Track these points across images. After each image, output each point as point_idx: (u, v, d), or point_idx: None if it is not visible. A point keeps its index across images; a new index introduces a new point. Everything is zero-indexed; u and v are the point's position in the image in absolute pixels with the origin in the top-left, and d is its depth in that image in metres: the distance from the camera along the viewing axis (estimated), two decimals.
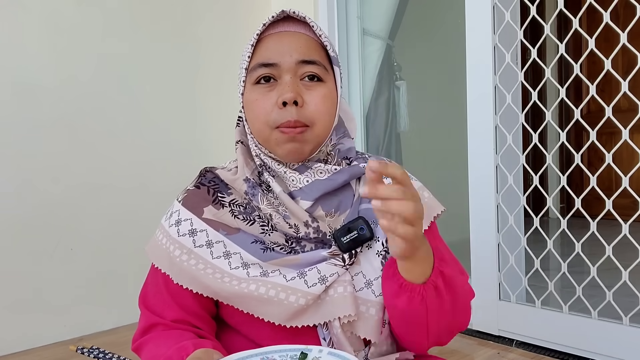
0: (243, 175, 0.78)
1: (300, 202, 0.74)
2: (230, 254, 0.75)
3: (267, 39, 0.76)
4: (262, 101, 0.74)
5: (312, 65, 0.74)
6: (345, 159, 0.79)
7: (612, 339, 1.43)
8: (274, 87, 0.74)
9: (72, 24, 1.85)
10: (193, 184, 0.82)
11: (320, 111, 0.74)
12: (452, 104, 2.47)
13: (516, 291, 1.65)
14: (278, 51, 0.74)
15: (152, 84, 2.06)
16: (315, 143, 0.75)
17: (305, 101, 0.73)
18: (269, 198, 0.76)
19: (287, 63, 0.73)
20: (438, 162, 2.82)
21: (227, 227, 0.77)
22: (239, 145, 0.80)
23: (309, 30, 0.77)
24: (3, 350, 1.69)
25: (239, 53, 0.81)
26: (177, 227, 0.77)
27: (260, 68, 0.74)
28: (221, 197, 0.79)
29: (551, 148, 1.64)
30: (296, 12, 0.76)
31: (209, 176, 0.82)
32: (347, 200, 0.77)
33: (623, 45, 1.37)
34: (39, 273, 1.77)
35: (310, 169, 0.76)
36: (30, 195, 1.76)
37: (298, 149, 0.74)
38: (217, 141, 2.25)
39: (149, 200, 2.00)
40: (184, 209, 0.79)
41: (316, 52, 0.75)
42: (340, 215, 0.76)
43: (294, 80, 0.73)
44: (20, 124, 1.74)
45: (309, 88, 0.74)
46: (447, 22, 2.54)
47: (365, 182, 0.63)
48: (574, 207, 1.50)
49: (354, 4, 2.26)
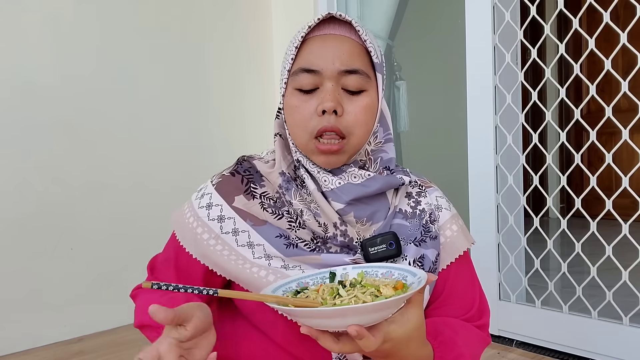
0: (279, 168, 0.77)
1: (332, 203, 0.74)
2: (254, 244, 0.75)
3: (311, 41, 0.75)
4: (302, 107, 0.74)
5: (355, 74, 0.73)
6: (386, 169, 0.79)
7: (612, 339, 1.43)
8: (315, 94, 0.74)
9: (72, 24, 1.85)
10: (229, 170, 0.82)
11: (359, 122, 0.74)
12: (452, 104, 2.47)
13: (516, 291, 1.65)
14: (321, 56, 0.73)
15: (152, 83, 2.06)
16: (352, 152, 0.76)
17: (345, 110, 0.73)
18: (302, 194, 0.76)
19: (329, 71, 0.72)
20: (438, 162, 2.82)
21: (255, 218, 0.77)
22: (277, 138, 0.79)
23: (354, 33, 0.75)
24: (3, 350, 1.69)
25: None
26: (208, 210, 0.78)
27: (303, 73, 0.73)
28: (253, 188, 0.79)
29: (551, 148, 1.64)
30: (342, 14, 0.75)
31: (245, 165, 0.82)
32: (382, 212, 0.77)
33: (623, 45, 1.37)
34: (39, 273, 1.77)
35: (345, 172, 0.76)
36: (30, 194, 1.76)
37: (334, 161, 0.75)
38: (217, 140, 2.25)
39: (149, 200, 2.00)
40: (216, 193, 0.79)
41: (359, 59, 0.74)
42: (372, 225, 0.76)
43: (336, 88, 0.73)
44: (20, 123, 1.74)
45: (350, 97, 0.74)
46: (447, 22, 2.53)
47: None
48: (574, 207, 1.50)
49: (354, 4, 2.27)
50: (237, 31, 2.33)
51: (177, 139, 2.13)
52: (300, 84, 0.74)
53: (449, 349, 0.68)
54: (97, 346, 1.76)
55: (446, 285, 0.79)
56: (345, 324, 0.54)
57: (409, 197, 0.81)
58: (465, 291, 0.80)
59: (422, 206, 0.80)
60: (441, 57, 2.88)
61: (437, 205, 0.82)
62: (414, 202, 0.81)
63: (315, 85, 0.73)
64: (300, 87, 0.74)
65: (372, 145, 0.78)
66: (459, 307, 0.78)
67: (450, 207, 0.83)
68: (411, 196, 0.81)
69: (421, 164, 2.77)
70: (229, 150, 2.27)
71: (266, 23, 2.46)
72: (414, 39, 2.86)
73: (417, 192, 0.82)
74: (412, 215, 0.79)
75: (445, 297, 0.79)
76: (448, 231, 0.81)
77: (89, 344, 1.78)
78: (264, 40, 2.44)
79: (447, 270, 0.79)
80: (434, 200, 0.82)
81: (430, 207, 0.81)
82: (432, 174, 0.98)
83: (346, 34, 0.75)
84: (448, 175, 2.41)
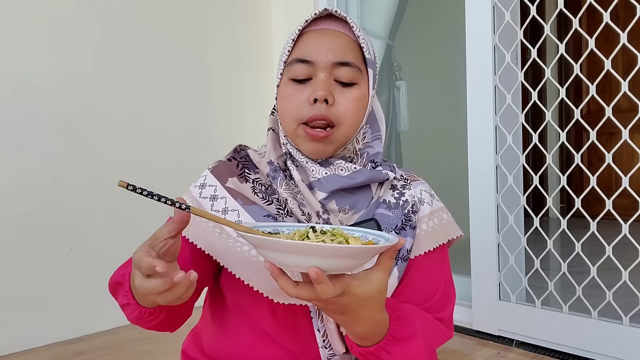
0: (268, 158, 0.81)
1: (316, 192, 0.76)
2: (242, 222, 0.76)
3: (307, 35, 0.78)
4: (295, 96, 0.76)
5: (347, 67, 0.76)
6: (371, 162, 0.82)
7: (612, 339, 1.43)
8: (308, 84, 0.76)
9: (72, 24, 1.85)
10: (226, 157, 0.86)
11: (349, 112, 0.76)
12: (452, 104, 2.47)
13: (516, 291, 1.65)
14: (316, 48, 0.76)
15: (152, 83, 2.06)
16: (340, 143, 0.78)
17: (336, 100, 0.76)
18: (289, 184, 0.78)
19: (323, 62, 0.75)
20: (438, 162, 2.82)
21: (245, 198, 0.79)
22: (269, 132, 0.83)
23: (348, 29, 0.78)
24: (3, 350, 1.69)
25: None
26: (201, 189, 0.81)
27: (297, 63, 0.76)
28: (247, 173, 0.83)
29: (551, 148, 1.64)
30: (338, 11, 0.78)
31: (242, 153, 0.87)
32: (363, 201, 0.79)
33: (623, 45, 1.37)
34: (39, 273, 1.77)
35: (332, 165, 0.78)
36: (30, 194, 1.76)
37: (321, 149, 0.77)
38: (218, 140, 2.25)
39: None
40: (211, 175, 0.83)
41: (352, 53, 0.77)
42: (354, 214, 0.78)
43: (328, 79, 0.76)
44: (20, 123, 1.74)
45: (342, 89, 0.76)
46: (447, 22, 2.53)
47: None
48: (574, 207, 1.50)
49: (354, 4, 2.27)
50: (237, 31, 2.33)
51: (177, 139, 2.13)
52: (294, 73, 0.76)
53: (405, 326, 0.68)
54: (97, 346, 1.76)
55: (409, 273, 0.80)
56: (306, 264, 0.53)
57: (393, 189, 0.83)
58: (429, 282, 0.81)
59: (405, 197, 0.82)
60: (441, 57, 2.88)
61: (420, 198, 0.84)
62: (398, 193, 0.83)
63: (309, 75, 0.76)
64: (295, 77, 0.77)
65: (360, 144, 0.80)
66: (416, 296, 0.79)
67: (433, 202, 0.85)
68: (396, 188, 0.84)
69: (421, 164, 2.77)
70: (228, 150, 2.27)
71: (266, 23, 2.46)
72: (414, 39, 2.86)
73: (402, 185, 0.84)
74: (395, 206, 0.81)
75: (405, 284, 0.79)
76: (424, 225, 0.82)
77: (89, 344, 1.78)
78: (264, 40, 2.44)
79: (414, 260, 0.80)
80: (418, 193, 0.84)
81: (414, 199, 0.83)
82: (432, 174, 0.98)
83: (341, 29, 0.78)
84: (448, 175, 2.41)
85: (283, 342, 0.77)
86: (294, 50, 0.78)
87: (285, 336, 0.77)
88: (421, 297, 0.79)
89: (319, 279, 0.53)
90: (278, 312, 0.76)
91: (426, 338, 0.70)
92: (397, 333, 0.66)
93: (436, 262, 0.83)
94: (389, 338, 0.66)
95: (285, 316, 0.77)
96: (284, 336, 0.77)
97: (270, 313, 0.77)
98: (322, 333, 0.76)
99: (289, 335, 0.77)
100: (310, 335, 0.77)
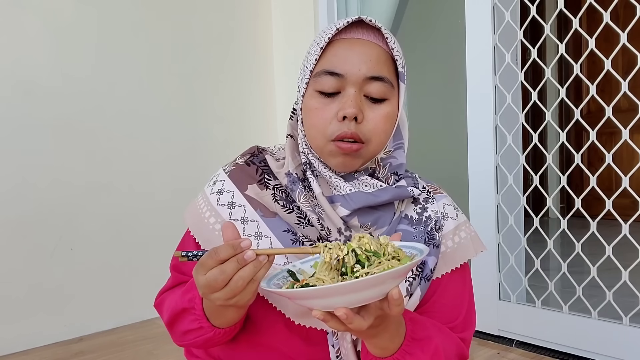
0: (286, 169, 0.77)
1: (338, 208, 0.73)
2: (261, 235, 0.74)
3: (338, 43, 0.73)
4: (322, 111, 0.72)
5: (379, 82, 0.71)
6: (394, 174, 0.78)
7: (612, 339, 1.43)
8: (336, 97, 0.72)
9: (72, 24, 1.86)
10: (244, 160, 0.81)
11: (378, 129, 0.72)
12: (452, 104, 2.47)
13: (516, 291, 1.65)
14: (347, 61, 0.71)
15: (152, 83, 2.06)
16: (367, 159, 0.75)
17: (365, 117, 0.72)
18: (308, 196, 0.75)
19: (354, 76, 0.71)
20: (438, 162, 2.82)
21: (265, 209, 0.76)
22: (288, 139, 0.78)
23: (382, 40, 0.74)
24: (3, 350, 1.69)
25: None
26: (219, 195, 0.77)
27: (326, 76, 0.71)
28: (267, 179, 0.79)
29: (551, 148, 1.64)
30: (372, 20, 0.73)
31: (260, 157, 0.82)
32: (386, 217, 0.76)
33: (623, 45, 1.37)
34: (39, 273, 1.78)
35: (357, 180, 0.75)
36: (30, 194, 1.76)
37: (350, 163, 0.73)
38: (218, 140, 2.25)
39: (149, 200, 2.00)
40: (229, 180, 0.78)
41: (385, 67, 0.72)
42: (376, 230, 0.75)
43: (358, 94, 0.71)
44: (20, 123, 1.74)
45: (371, 105, 0.72)
46: (447, 22, 2.53)
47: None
48: (574, 207, 1.50)
49: (354, 4, 2.27)
50: (237, 31, 2.33)
51: (177, 139, 2.13)
52: (322, 86, 0.72)
53: (419, 327, 0.68)
54: (97, 346, 1.76)
55: (435, 294, 0.78)
56: (334, 305, 0.53)
57: (415, 202, 0.80)
58: (453, 302, 0.79)
59: (428, 213, 0.79)
60: (441, 57, 2.88)
61: (443, 213, 0.80)
62: (421, 208, 0.79)
63: (338, 89, 0.72)
64: (322, 90, 0.72)
65: (382, 153, 0.77)
66: (442, 317, 0.77)
67: (458, 216, 0.82)
68: (418, 202, 0.80)
69: (421, 164, 2.76)
70: (229, 150, 2.27)
71: (266, 23, 2.46)
72: (414, 39, 2.86)
73: (424, 199, 0.81)
74: (417, 222, 0.78)
75: (430, 304, 0.78)
76: (450, 242, 0.80)
77: (89, 344, 1.78)
78: (264, 40, 2.44)
79: (440, 279, 0.78)
80: (441, 207, 0.81)
81: (437, 215, 0.79)
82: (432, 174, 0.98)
83: (374, 40, 0.73)
84: (448, 175, 2.41)
85: (294, 355, 0.75)
86: (322, 60, 0.72)
87: (297, 349, 0.75)
88: (446, 319, 0.77)
89: (349, 319, 0.53)
90: (292, 326, 0.74)
91: (442, 341, 0.70)
92: (415, 333, 0.66)
93: (459, 281, 0.81)
94: (408, 339, 0.65)
95: (299, 330, 0.74)
96: (295, 349, 0.75)
97: (284, 327, 0.74)
98: (336, 349, 0.74)
99: (302, 349, 0.75)
100: (322, 350, 0.75)
